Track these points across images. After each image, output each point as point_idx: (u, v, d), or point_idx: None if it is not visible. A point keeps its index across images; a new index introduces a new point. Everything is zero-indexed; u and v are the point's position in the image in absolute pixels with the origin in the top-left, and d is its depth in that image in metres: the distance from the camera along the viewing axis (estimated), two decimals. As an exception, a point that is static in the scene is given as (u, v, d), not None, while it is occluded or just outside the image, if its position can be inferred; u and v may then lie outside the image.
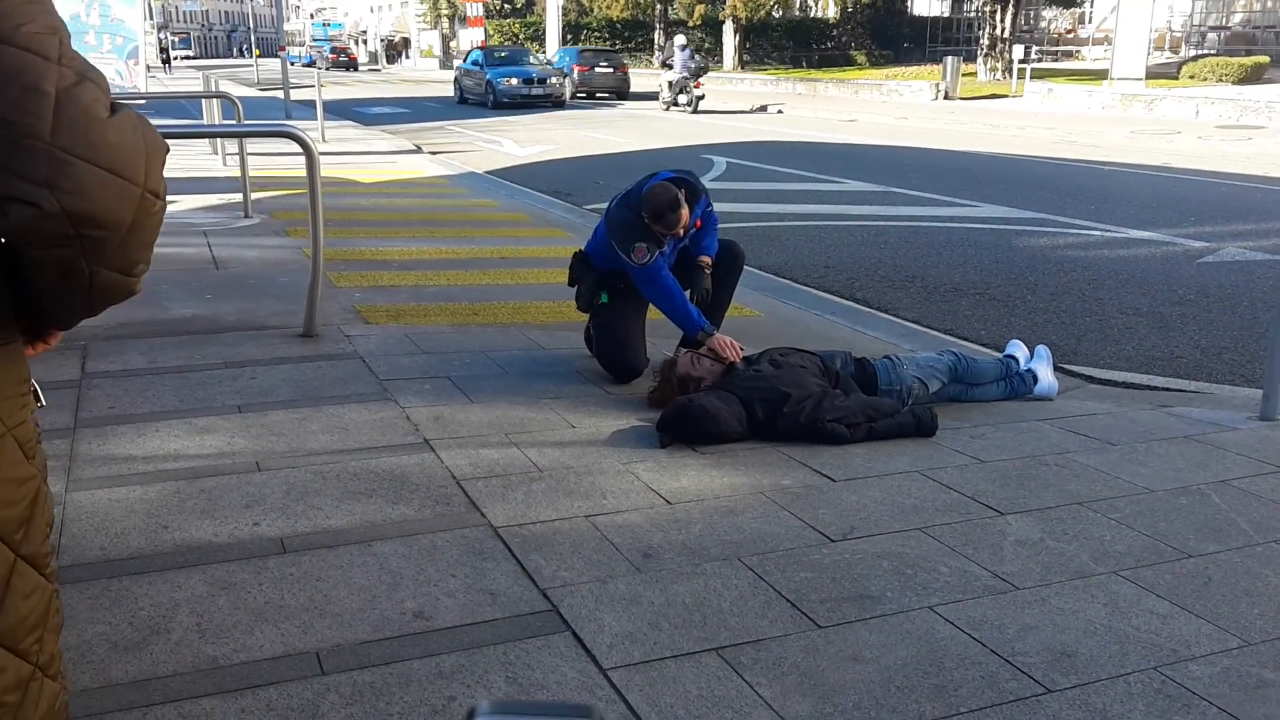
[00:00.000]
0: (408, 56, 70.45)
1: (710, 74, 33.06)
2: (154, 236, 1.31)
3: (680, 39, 27.88)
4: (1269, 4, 34.40)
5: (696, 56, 27.30)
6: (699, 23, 46.61)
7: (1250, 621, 2.67)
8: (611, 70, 31.32)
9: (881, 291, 6.99)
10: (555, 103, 27.26)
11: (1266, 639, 2.59)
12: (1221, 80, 26.38)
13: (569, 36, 49.82)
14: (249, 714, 2.23)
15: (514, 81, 26.85)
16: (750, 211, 10.15)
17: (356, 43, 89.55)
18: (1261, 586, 2.86)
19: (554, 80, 27.57)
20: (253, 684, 2.33)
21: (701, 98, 25.54)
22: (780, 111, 26.47)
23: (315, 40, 75.50)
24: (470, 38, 48.59)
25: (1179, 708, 2.30)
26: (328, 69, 45.20)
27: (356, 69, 61.18)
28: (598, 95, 31.30)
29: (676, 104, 25.72)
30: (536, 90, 27.01)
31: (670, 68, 26.22)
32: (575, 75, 30.64)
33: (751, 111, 26.57)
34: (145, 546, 2.97)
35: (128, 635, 2.50)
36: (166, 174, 1.29)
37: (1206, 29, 36.94)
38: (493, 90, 26.80)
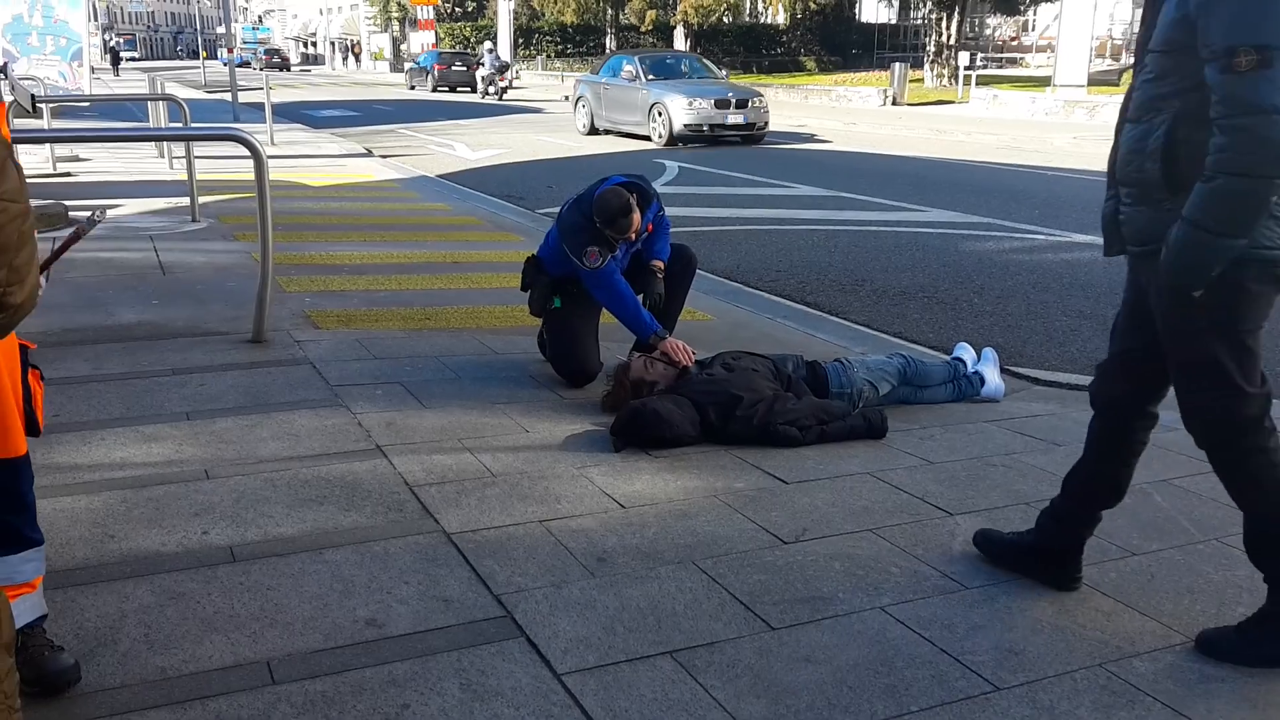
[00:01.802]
0: (358, 60, 69.94)
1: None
2: (4, 241, 1.19)
3: (488, 44, 37.64)
4: (1207, 13, 35.13)
5: (501, 58, 35.75)
6: (650, 28, 46.78)
7: (1193, 618, 2.73)
8: (465, 68, 38.53)
9: (832, 295, 7.05)
10: (756, 137, 18.28)
11: (1207, 634, 2.65)
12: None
13: (521, 40, 49.72)
14: (199, 725, 2.20)
15: (704, 104, 17.58)
16: (702, 215, 10.19)
17: (306, 45, 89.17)
18: (1203, 583, 2.93)
19: (757, 103, 18.26)
20: (202, 695, 2.30)
21: (506, 88, 33.50)
22: (567, 98, 32.82)
23: (245, 43, 75.78)
24: (421, 41, 48.41)
25: (1124, 704, 2.35)
26: (261, 69, 52.13)
27: (289, 69, 64.90)
28: (456, 89, 38.07)
29: (488, 93, 33.85)
30: (735, 117, 17.78)
31: (483, 65, 34.69)
32: (435, 73, 38.88)
33: (555, 100, 31.88)
34: (91, 556, 2.92)
35: (74, 647, 2.46)
36: (113, 177, 1.24)
37: (1147, 37, 37.62)
38: (667, 117, 17.64)
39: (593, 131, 19.93)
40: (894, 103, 29.67)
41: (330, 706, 2.28)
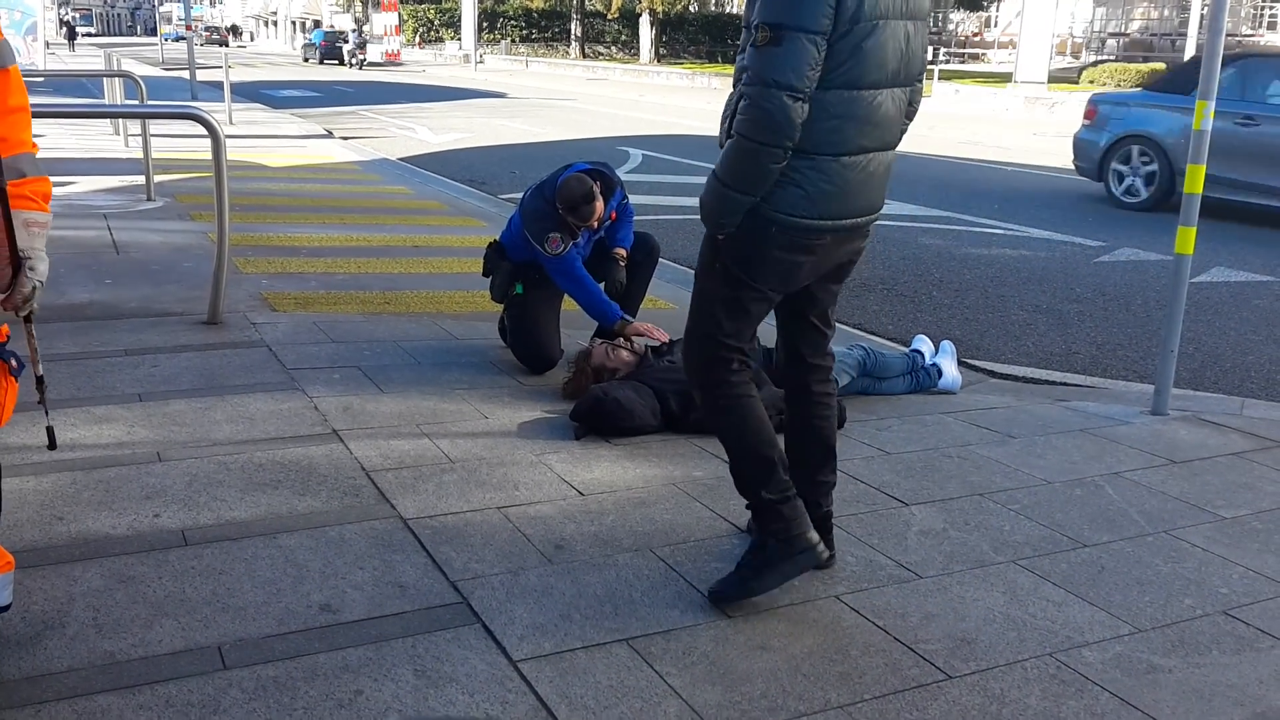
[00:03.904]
0: None
1: (625, 66, 41.87)
2: None
3: (353, 26, 48.77)
4: (1165, 13, 35.65)
5: (363, 36, 44.24)
6: (616, 15, 46.60)
7: (1141, 609, 2.78)
8: (343, 46, 45.17)
9: (793, 286, 7.06)
10: None
11: (1156, 626, 2.70)
12: (1120, 85, 27.21)
13: (485, 24, 49.36)
14: (147, 710, 2.17)
15: None
16: (665, 204, 10.19)
17: (265, 24, 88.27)
18: (1152, 575, 2.97)
19: None
20: (152, 680, 2.27)
21: (365, 60, 41.99)
22: (425, 71, 40.63)
23: (181, 19, 75.57)
24: (384, 22, 47.87)
25: (1073, 693, 2.38)
26: (202, 45, 56.42)
27: (227, 45, 66.24)
28: (342, 61, 44.80)
29: (351, 64, 42.17)
30: None
31: (348, 42, 43.65)
32: (321, 48, 46.44)
33: (410, 72, 38.34)
34: (39, 539, 2.88)
35: (21, 630, 2.42)
36: (67, 154, 1.23)
37: (1106, 35, 38.16)
38: None
39: (1158, 205, 10.28)
40: (858, 96, 29.70)
41: (283, 692, 2.26)
